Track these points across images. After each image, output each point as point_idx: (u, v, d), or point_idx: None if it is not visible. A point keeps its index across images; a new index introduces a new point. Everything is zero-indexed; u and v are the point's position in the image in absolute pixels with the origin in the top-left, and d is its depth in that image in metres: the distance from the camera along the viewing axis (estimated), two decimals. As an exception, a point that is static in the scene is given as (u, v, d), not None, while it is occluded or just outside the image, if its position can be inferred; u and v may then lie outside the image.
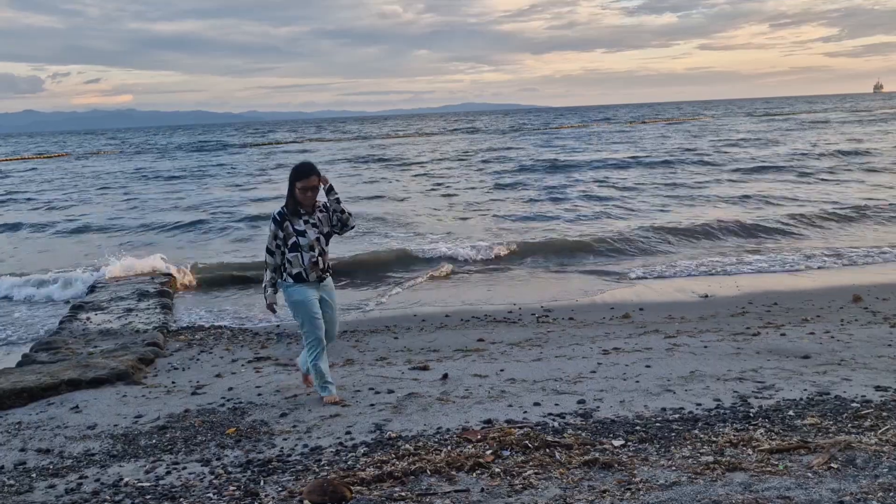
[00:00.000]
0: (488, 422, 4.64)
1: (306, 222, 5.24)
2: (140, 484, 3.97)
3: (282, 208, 5.27)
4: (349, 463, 4.04)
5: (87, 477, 4.12)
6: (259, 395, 5.72)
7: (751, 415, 4.51)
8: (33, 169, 47.71)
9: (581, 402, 5.03)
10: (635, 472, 3.64)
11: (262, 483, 3.85)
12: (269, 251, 5.29)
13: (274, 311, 5.43)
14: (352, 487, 3.59)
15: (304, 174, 5.15)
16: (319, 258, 5.26)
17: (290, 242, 5.22)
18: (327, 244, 5.37)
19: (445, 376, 5.91)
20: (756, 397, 4.92)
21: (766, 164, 27.47)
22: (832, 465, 3.58)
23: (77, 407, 5.66)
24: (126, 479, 4.04)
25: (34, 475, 4.21)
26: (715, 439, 4.06)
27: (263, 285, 5.34)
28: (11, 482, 4.09)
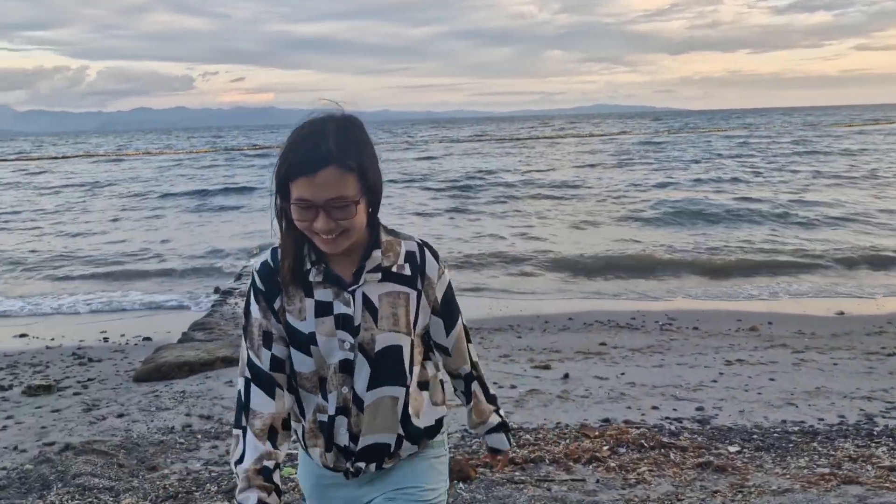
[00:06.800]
0: (606, 420, 4.85)
1: (322, 308, 1.70)
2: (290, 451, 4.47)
3: (266, 262, 1.74)
4: (473, 448, 4.38)
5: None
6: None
7: (875, 433, 4.48)
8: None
9: (700, 408, 5.13)
10: (749, 477, 3.77)
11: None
12: (250, 376, 1.72)
13: None
14: (476, 469, 3.92)
15: (306, 166, 1.57)
16: (348, 419, 1.76)
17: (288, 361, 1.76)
18: (400, 380, 1.76)
19: (566, 376, 6.13)
20: (883, 416, 4.86)
21: None
22: (956, 486, 3.56)
23: (231, 381, 6.32)
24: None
25: (199, 436, 4.82)
26: (833, 453, 4.10)
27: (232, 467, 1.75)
28: (181, 441, 4.71)
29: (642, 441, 4.30)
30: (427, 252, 1.79)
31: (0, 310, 10.89)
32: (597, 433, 4.50)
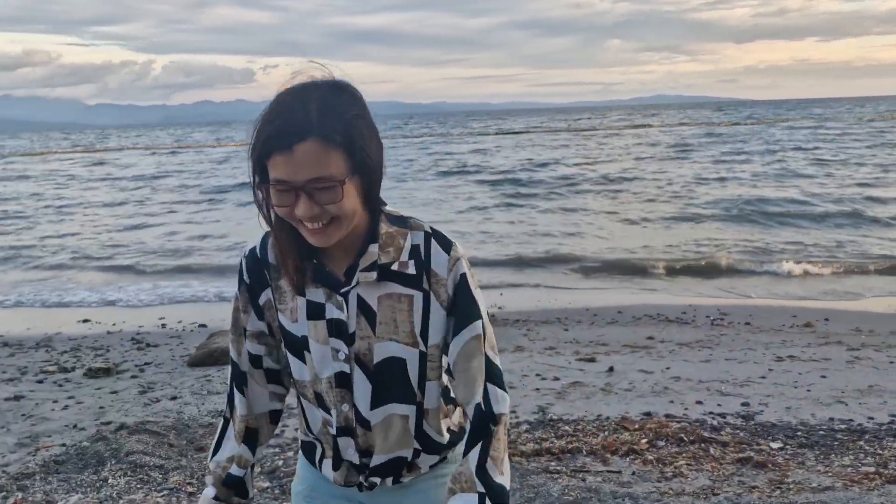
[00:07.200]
0: (648, 414, 4.83)
1: (313, 310, 1.46)
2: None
3: (254, 250, 1.53)
4: (511, 437, 4.41)
5: (287, 426, 4.80)
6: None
7: (927, 433, 4.35)
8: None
9: (745, 404, 5.05)
10: (789, 473, 3.71)
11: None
12: (231, 368, 1.58)
13: None
14: (512, 458, 3.95)
15: (282, 139, 1.28)
16: (355, 440, 1.52)
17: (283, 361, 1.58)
18: (407, 397, 1.49)
19: (611, 369, 6.10)
20: (938, 416, 4.71)
21: None
22: None
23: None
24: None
25: (247, 420, 4.96)
26: (881, 452, 4.01)
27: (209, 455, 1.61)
28: (229, 423, 4.86)
29: (682, 435, 4.26)
30: (434, 243, 1.44)
31: (66, 298, 11.37)
32: (636, 426, 4.48)
